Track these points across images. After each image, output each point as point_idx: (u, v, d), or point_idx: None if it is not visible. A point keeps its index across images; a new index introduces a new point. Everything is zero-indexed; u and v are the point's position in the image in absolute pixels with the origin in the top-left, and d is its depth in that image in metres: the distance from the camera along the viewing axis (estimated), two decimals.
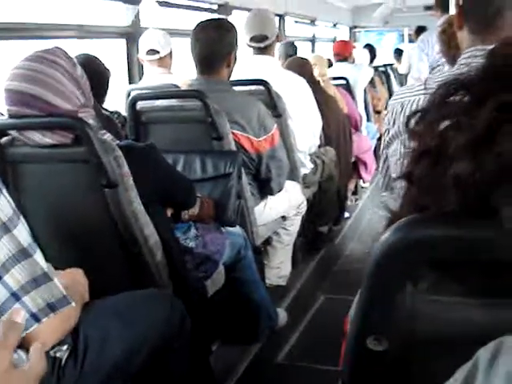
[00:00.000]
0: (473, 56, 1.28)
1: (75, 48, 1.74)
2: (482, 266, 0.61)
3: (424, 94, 1.33)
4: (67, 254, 1.85)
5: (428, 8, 6.80)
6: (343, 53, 5.49)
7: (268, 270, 3.00)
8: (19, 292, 1.19)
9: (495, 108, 0.60)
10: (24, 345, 1.25)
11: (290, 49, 4.50)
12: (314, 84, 3.70)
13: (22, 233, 1.20)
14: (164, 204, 1.96)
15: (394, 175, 1.52)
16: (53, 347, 1.33)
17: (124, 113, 2.83)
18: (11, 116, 1.69)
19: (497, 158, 0.58)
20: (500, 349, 0.48)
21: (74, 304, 1.31)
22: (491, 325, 0.59)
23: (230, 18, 2.83)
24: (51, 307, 1.24)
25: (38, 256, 1.23)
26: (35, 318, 1.22)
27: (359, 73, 5.41)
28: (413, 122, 0.70)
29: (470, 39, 1.32)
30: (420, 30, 6.42)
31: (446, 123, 0.64)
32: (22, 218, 1.22)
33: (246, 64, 3.20)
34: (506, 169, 0.58)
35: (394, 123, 1.43)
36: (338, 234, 4.23)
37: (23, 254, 1.19)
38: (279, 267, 3.08)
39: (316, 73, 4.21)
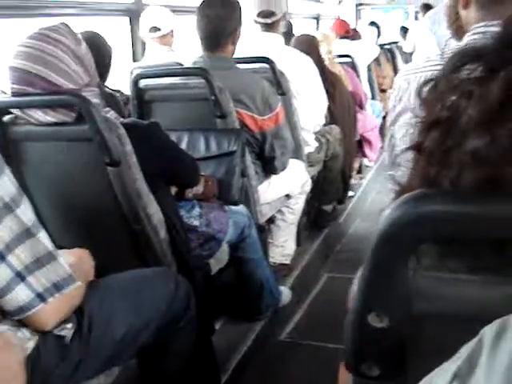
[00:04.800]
0: (480, 32, 1.24)
1: (77, 26, 1.73)
2: (485, 242, 0.60)
3: (431, 70, 1.31)
4: (70, 233, 1.85)
5: None
6: (339, 31, 5.45)
7: (272, 249, 3.01)
8: (24, 272, 1.20)
9: (508, 79, 0.58)
10: (28, 324, 1.25)
11: (286, 27, 4.45)
12: (320, 62, 3.67)
13: (26, 212, 1.20)
14: (168, 182, 1.96)
15: (399, 149, 1.51)
16: (57, 326, 1.33)
17: (126, 91, 2.81)
18: (14, 94, 1.68)
19: (510, 132, 0.56)
20: (505, 327, 0.48)
21: (79, 283, 1.31)
22: (493, 302, 0.59)
23: None
24: (56, 287, 1.25)
25: (43, 236, 1.23)
26: (41, 297, 1.22)
27: (361, 50, 5.37)
28: (425, 91, 0.68)
29: (478, 17, 1.27)
30: (426, 7, 6.34)
31: (457, 94, 0.63)
32: (25, 197, 1.21)
33: (252, 42, 3.17)
34: None
35: (400, 100, 1.42)
36: (342, 212, 4.22)
37: (27, 233, 1.19)
38: (283, 246, 3.08)
39: (323, 50, 4.18)
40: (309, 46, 3.70)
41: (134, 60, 3.71)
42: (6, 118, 1.80)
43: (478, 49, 0.64)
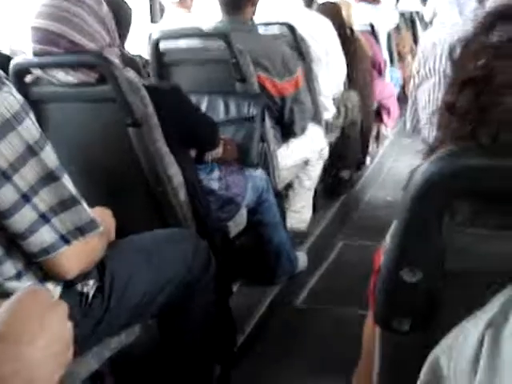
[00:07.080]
0: None
1: None
2: None
3: (460, 32, 1.29)
4: (92, 193, 1.85)
5: None
6: None
7: (289, 215, 3.00)
8: (48, 214, 1.20)
9: None
10: (50, 271, 1.26)
11: None
12: (342, 30, 3.63)
13: (50, 156, 1.20)
14: (188, 145, 1.96)
15: (422, 113, 1.50)
16: (80, 282, 1.35)
17: (145, 55, 2.79)
18: (35, 54, 1.67)
19: None
20: None
21: (102, 228, 1.31)
22: None
23: None
24: (80, 230, 1.25)
25: (66, 180, 1.24)
26: (64, 239, 1.23)
27: (381, 16, 5.27)
28: (457, 50, 0.68)
29: None
30: None
31: (490, 54, 0.62)
32: (48, 142, 1.21)
33: (271, 4, 3.14)
34: None
35: (424, 64, 1.40)
36: (358, 180, 4.20)
37: (51, 177, 1.20)
38: (300, 212, 3.09)
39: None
40: (331, 14, 3.64)
41: (152, 21, 3.68)
42: (28, 78, 1.80)
43: (509, 8, 0.64)
